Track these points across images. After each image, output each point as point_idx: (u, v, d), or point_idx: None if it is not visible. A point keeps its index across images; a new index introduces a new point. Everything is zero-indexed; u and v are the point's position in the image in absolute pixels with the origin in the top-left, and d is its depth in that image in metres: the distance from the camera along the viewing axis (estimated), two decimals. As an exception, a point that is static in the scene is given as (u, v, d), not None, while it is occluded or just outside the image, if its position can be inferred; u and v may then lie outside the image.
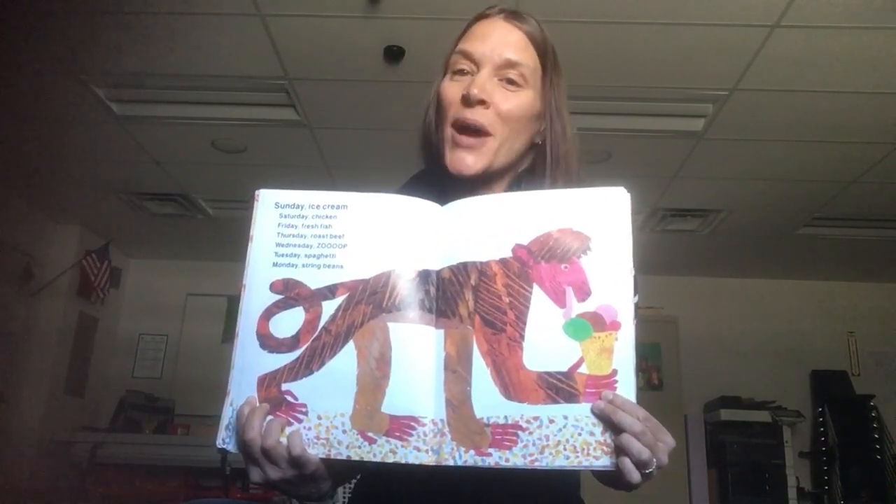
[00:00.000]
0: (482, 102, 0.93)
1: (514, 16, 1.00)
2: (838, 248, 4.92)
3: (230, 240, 4.64)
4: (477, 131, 0.94)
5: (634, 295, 0.78)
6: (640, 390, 0.75)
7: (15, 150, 3.88)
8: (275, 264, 0.80)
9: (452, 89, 0.96)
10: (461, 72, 0.97)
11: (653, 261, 5.12)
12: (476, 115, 0.93)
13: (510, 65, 0.95)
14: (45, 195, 4.53)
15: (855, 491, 4.88)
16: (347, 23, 2.75)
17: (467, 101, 0.93)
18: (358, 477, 1.00)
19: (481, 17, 1.01)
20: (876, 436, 4.97)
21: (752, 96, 3.12)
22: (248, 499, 4.13)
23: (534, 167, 1.00)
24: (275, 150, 3.85)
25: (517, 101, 0.95)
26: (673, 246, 5.02)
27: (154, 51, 2.96)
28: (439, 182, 0.98)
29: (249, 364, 0.78)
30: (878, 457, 4.93)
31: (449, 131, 0.95)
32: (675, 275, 5.48)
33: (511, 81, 0.95)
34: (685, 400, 5.33)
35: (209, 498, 3.10)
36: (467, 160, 0.93)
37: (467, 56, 0.97)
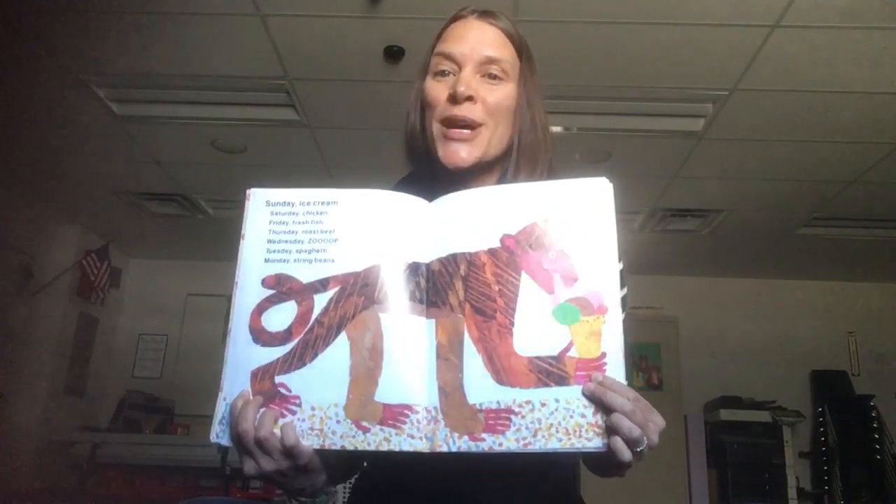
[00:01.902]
0: (469, 98, 0.95)
1: (487, 14, 1.02)
2: (838, 248, 4.92)
3: (230, 240, 4.62)
4: (467, 125, 0.96)
5: (622, 288, 0.80)
6: (640, 390, 0.76)
7: (15, 150, 3.88)
8: (266, 260, 0.81)
9: (437, 89, 0.99)
10: (443, 73, 0.99)
11: (653, 261, 5.12)
12: (465, 111, 0.95)
13: (490, 61, 0.98)
14: (45, 195, 4.54)
15: (855, 491, 4.88)
16: (347, 23, 2.75)
17: (455, 99, 0.95)
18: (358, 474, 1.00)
19: (456, 18, 1.04)
20: (876, 436, 4.96)
21: (752, 96, 3.12)
22: (247, 498, 4.13)
23: (503, 156, 1.02)
24: (275, 150, 3.86)
25: (502, 93, 0.98)
26: (673, 246, 5.02)
27: (154, 51, 2.96)
28: (428, 182, 0.99)
29: (242, 359, 0.79)
30: (878, 457, 4.93)
31: (438, 128, 0.97)
32: (675, 275, 5.48)
33: (493, 76, 0.98)
34: (685, 400, 5.33)
35: (209, 498, 3.11)
36: (461, 153, 0.95)
37: (448, 57, 0.99)
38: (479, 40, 0.99)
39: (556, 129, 3.47)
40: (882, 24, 2.62)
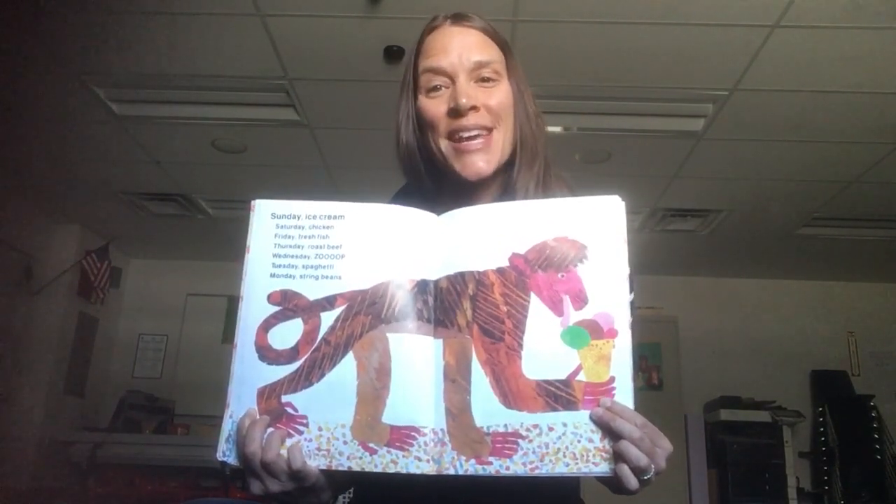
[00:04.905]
0: (473, 108, 0.95)
1: (461, 18, 1.01)
2: (838, 248, 4.91)
3: (230, 240, 4.64)
4: (477, 134, 0.95)
5: (630, 293, 0.79)
6: (640, 390, 0.75)
7: (15, 150, 3.88)
8: (272, 275, 0.80)
9: (434, 107, 0.97)
10: (436, 88, 0.98)
11: (653, 261, 5.12)
12: (472, 121, 0.95)
13: (481, 65, 0.97)
14: (45, 195, 4.53)
15: (855, 491, 4.88)
16: (347, 23, 2.75)
17: (458, 113, 0.94)
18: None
19: (431, 29, 1.02)
20: (876, 436, 4.96)
21: (752, 96, 3.12)
22: (247, 499, 4.13)
23: (512, 156, 1.01)
24: (275, 150, 3.85)
25: (500, 94, 0.98)
26: (673, 246, 5.01)
27: (154, 51, 2.96)
28: (429, 194, 0.99)
29: (249, 376, 0.78)
30: (878, 457, 4.92)
31: (447, 144, 0.96)
32: (675, 275, 5.48)
33: (486, 79, 0.97)
34: (685, 400, 5.32)
35: (209, 498, 3.11)
36: (480, 163, 0.95)
37: (437, 72, 0.97)
38: (463, 46, 0.97)
39: (556, 129, 3.47)
40: (882, 24, 2.62)
